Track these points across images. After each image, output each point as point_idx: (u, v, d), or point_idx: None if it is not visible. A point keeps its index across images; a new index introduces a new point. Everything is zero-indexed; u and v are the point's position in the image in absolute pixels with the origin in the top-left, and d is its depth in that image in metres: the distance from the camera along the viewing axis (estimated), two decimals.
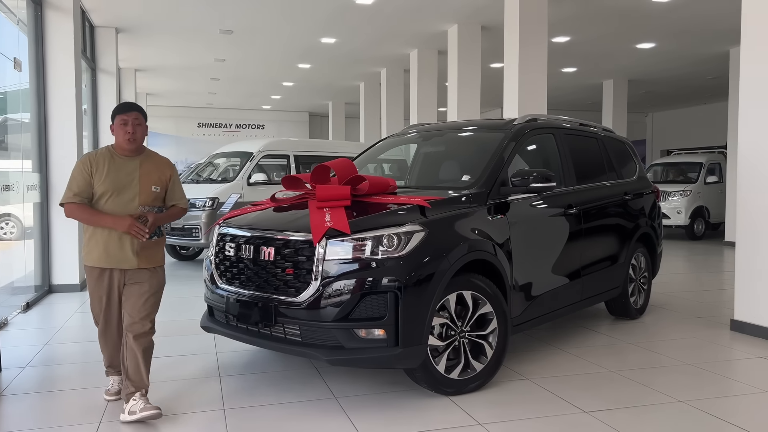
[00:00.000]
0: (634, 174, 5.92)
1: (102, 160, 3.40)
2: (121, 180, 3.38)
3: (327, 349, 3.39)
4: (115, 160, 3.42)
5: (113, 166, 3.40)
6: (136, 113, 3.45)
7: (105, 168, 3.37)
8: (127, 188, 3.38)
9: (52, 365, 4.37)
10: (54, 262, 7.04)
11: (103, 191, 3.35)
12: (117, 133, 3.43)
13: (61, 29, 6.97)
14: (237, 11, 9.57)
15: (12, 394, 3.75)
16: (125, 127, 3.39)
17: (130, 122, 3.41)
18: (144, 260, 3.41)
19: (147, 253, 3.43)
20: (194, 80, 15.75)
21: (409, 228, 3.47)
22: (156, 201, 3.47)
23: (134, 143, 3.43)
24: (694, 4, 9.06)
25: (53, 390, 3.87)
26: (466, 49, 10.33)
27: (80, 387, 3.89)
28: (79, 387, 3.90)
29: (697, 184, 13.26)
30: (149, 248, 3.43)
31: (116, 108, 3.51)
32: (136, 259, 3.38)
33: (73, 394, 3.78)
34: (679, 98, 18.82)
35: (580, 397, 3.66)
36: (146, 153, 3.54)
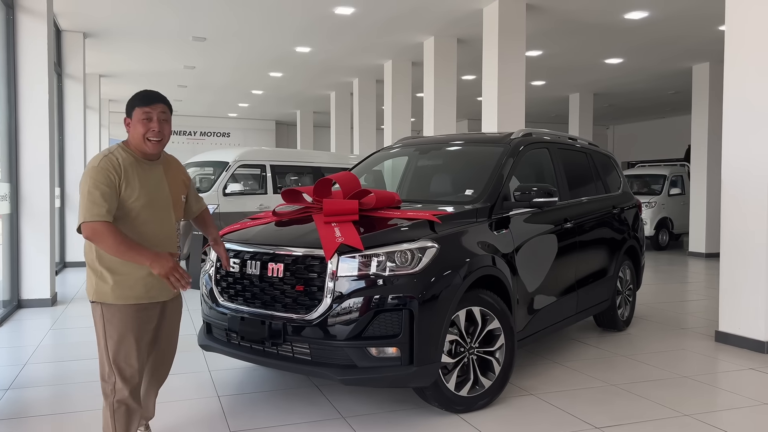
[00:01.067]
0: (618, 188, 6.02)
1: (128, 168, 2.62)
2: (153, 191, 2.69)
3: (339, 369, 3.30)
4: (141, 165, 2.69)
5: (141, 173, 2.66)
6: (162, 105, 2.72)
7: (135, 177, 2.62)
8: (160, 201, 2.72)
9: (35, 387, 4.15)
10: (24, 275, 6.73)
11: (140, 206, 2.63)
12: (136, 130, 2.66)
13: (34, 34, 6.70)
14: (213, 19, 9.39)
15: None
16: (149, 123, 2.66)
17: (156, 117, 2.68)
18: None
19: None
20: (161, 87, 15.38)
21: (421, 244, 3.42)
22: (182, 213, 2.92)
23: (159, 145, 2.71)
24: (663, 22, 9.33)
25: (39, 414, 3.66)
26: (442, 62, 10.38)
27: (68, 411, 3.69)
28: (67, 411, 3.69)
29: (661, 195, 13.64)
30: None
31: (136, 97, 2.72)
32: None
33: (61, 419, 3.58)
34: (639, 111, 19.36)
35: (588, 412, 3.66)
36: (164, 156, 2.87)
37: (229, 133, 21.22)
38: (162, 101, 2.75)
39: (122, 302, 2.64)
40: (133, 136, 2.69)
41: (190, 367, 4.56)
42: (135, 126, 2.68)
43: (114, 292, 2.63)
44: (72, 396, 3.93)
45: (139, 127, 2.66)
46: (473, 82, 13.91)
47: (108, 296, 2.63)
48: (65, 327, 5.88)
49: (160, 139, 2.70)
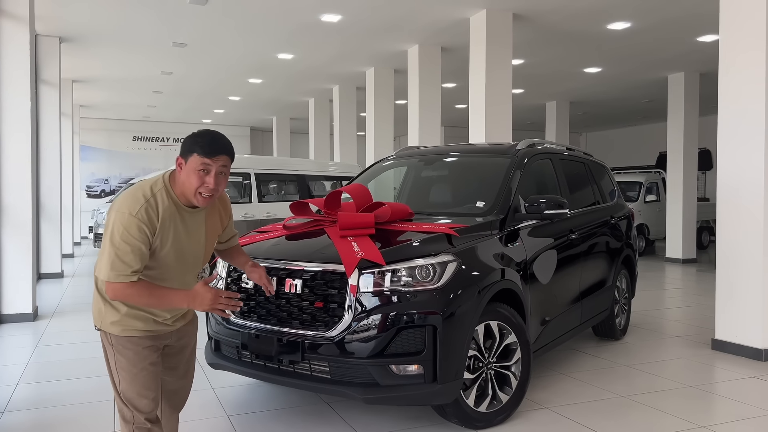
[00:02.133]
0: (614, 197, 6.07)
1: (167, 220, 2.37)
2: (186, 241, 2.46)
3: (361, 387, 3.22)
4: (182, 215, 2.42)
5: (180, 226, 2.42)
6: (225, 158, 2.39)
7: (171, 230, 2.38)
8: (193, 252, 2.50)
9: (33, 409, 3.96)
10: (4, 289, 6.46)
11: (167, 258, 2.40)
12: (189, 180, 2.35)
13: (15, 41, 6.46)
14: (195, 25, 9.22)
15: None
16: (205, 177, 2.34)
17: (214, 171, 2.36)
18: (188, 315, 2.65)
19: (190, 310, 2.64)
20: (135, 92, 15.07)
21: (443, 258, 3.37)
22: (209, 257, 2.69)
23: (211, 200, 2.42)
24: (644, 32, 9.50)
25: None
26: (427, 69, 10.39)
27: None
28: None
29: (638, 202, 13.86)
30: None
31: (197, 143, 2.36)
32: (182, 318, 2.60)
33: None
34: (613, 119, 19.71)
35: (606, 426, 3.65)
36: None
37: None
38: (226, 153, 2.41)
39: (133, 334, 2.42)
40: (184, 184, 2.38)
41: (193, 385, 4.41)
42: (189, 174, 2.35)
43: (123, 323, 2.41)
44: (70, 418, 3.76)
45: (193, 178, 2.35)
46: (453, 90, 13.96)
47: (116, 328, 2.41)
48: (51, 344, 5.66)
49: (212, 194, 2.39)
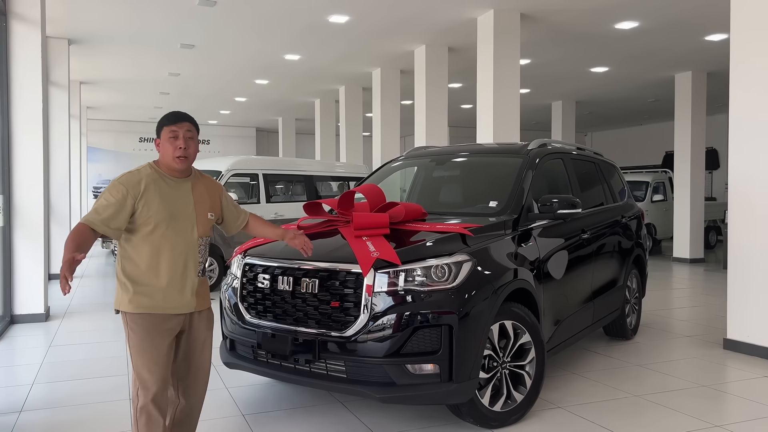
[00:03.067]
0: (624, 197, 6.07)
1: (150, 183, 2.74)
2: (176, 207, 2.78)
3: (377, 386, 3.24)
4: (166, 182, 2.79)
5: (165, 190, 2.77)
6: (188, 124, 2.83)
7: (156, 193, 2.73)
8: (184, 217, 2.79)
9: (49, 408, 3.99)
10: (17, 290, 6.50)
11: (157, 221, 2.71)
12: (164, 149, 2.79)
13: (28, 42, 6.50)
14: (203, 26, 9.25)
15: None
16: (175, 142, 2.77)
17: (182, 135, 2.79)
18: (201, 302, 2.87)
19: (202, 293, 2.88)
20: (142, 94, 15.13)
21: (458, 258, 3.39)
22: (210, 231, 2.94)
23: (185, 162, 2.80)
24: (652, 32, 9.49)
25: None
26: (434, 70, 10.39)
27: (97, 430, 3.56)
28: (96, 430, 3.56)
29: (645, 202, 13.83)
30: (202, 287, 2.88)
31: (164, 118, 2.85)
32: (194, 300, 2.82)
33: None
34: (618, 119, 19.69)
35: (622, 426, 3.65)
36: (195, 174, 2.94)
37: (209, 141, 20.95)
38: (188, 120, 2.87)
39: (141, 311, 2.72)
40: (163, 155, 2.83)
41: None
42: (164, 145, 2.81)
43: (133, 301, 2.71)
44: (85, 418, 3.78)
45: (167, 147, 2.80)
46: (459, 90, 13.97)
47: (128, 305, 2.72)
48: (64, 344, 5.69)
49: (186, 156, 2.81)
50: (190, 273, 2.80)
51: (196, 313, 2.86)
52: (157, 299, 2.72)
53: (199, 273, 2.85)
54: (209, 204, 2.93)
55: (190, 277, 2.80)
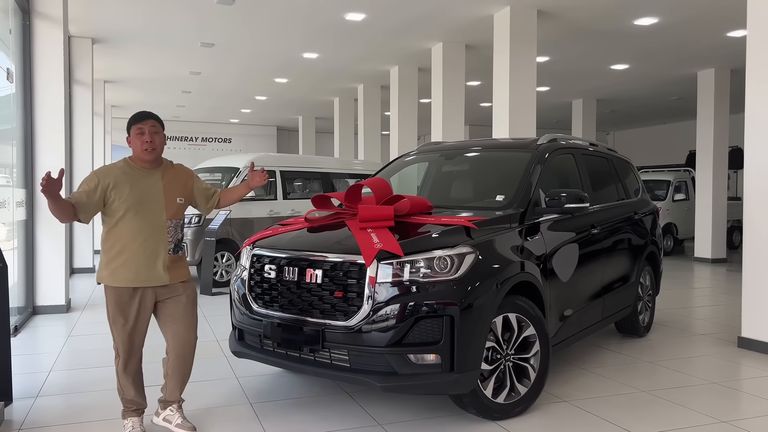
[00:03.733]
0: (638, 193, 6.03)
1: (120, 175, 3.23)
2: (145, 193, 3.24)
3: (379, 375, 3.28)
4: (135, 172, 3.28)
5: (134, 179, 3.25)
6: (152, 121, 3.31)
7: (127, 183, 3.21)
8: (152, 202, 3.25)
9: (65, 395, 4.11)
10: (39, 282, 6.68)
11: (127, 207, 3.19)
12: (134, 144, 3.28)
13: (50, 40, 6.67)
14: (223, 25, 9.38)
15: (33, 428, 3.50)
16: (142, 137, 3.25)
17: (147, 131, 3.26)
18: (175, 275, 3.33)
19: (176, 268, 3.33)
20: (164, 93, 15.37)
21: (461, 250, 3.41)
22: (180, 214, 3.38)
23: (153, 153, 3.27)
24: (673, 27, 9.38)
25: (74, 422, 3.61)
26: (451, 68, 10.40)
27: (107, 418, 3.65)
28: (107, 418, 3.65)
29: (666, 201, 13.67)
30: (177, 263, 3.34)
31: (131, 118, 3.35)
32: (168, 274, 3.29)
33: (99, 427, 3.54)
34: (641, 118, 19.45)
35: (626, 419, 3.65)
36: (166, 164, 3.42)
37: (230, 139, 21.19)
38: (152, 117, 3.34)
39: (117, 284, 3.21)
40: (134, 149, 3.31)
41: (217, 374, 4.53)
42: (133, 140, 3.29)
43: (111, 275, 3.22)
44: (100, 403, 3.88)
45: (137, 141, 3.28)
46: (477, 88, 13.94)
47: (106, 278, 3.24)
48: (83, 334, 5.84)
49: (153, 148, 3.27)
50: (161, 251, 3.25)
51: (172, 285, 3.32)
52: (131, 274, 3.20)
53: (170, 251, 3.30)
54: (178, 190, 3.38)
55: (161, 254, 3.25)
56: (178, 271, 3.35)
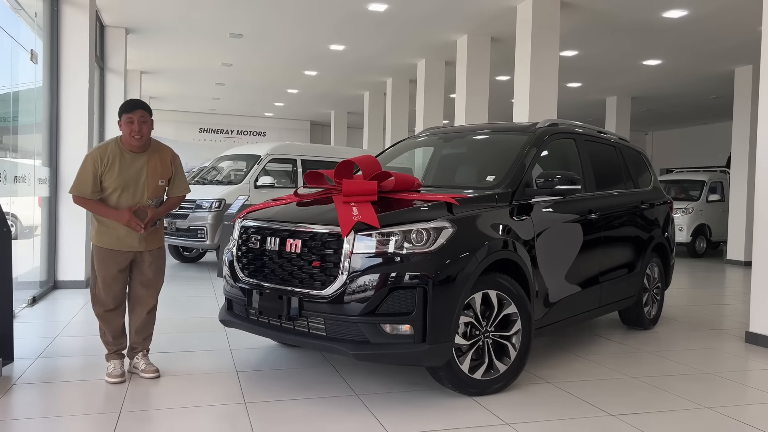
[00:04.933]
0: (649, 184, 5.92)
1: (113, 157, 3.64)
2: (131, 176, 3.67)
3: (353, 344, 3.33)
4: (125, 156, 3.68)
5: (123, 163, 3.66)
6: (141, 111, 3.67)
7: (116, 165, 3.63)
8: (137, 184, 3.69)
9: (64, 357, 4.30)
10: (60, 258, 6.96)
11: (114, 187, 3.64)
12: (124, 131, 3.66)
13: (77, 25, 6.93)
14: (249, 15, 9.58)
15: (26, 383, 3.68)
16: (131, 126, 3.63)
17: (136, 120, 3.63)
18: (150, 243, 3.82)
19: (152, 238, 3.84)
20: (199, 84, 15.74)
21: (438, 224, 3.44)
22: (161, 192, 3.84)
23: (140, 140, 3.66)
24: (703, 21, 9.14)
25: (67, 380, 3.79)
26: (475, 60, 10.35)
27: (96, 377, 3.80)
28: (95, 377, 3.81)
29: (699, 201, 13.31)
30: (153, 234, 3.84)
31: (122, 106, 3.71)
32: (144, 243, 3.77)
33: (89, 385, 3.69)
34: (680, 117, 18.95)
35: (604, 401, 3.61)
36: (153, 147, 3.79)
37: (265, 132, 21.53)
38: (141, 107, 3.69)
39: (102, 245, 3.71)
40: (123, 134, 3.70)
41: (212, 345, 4.66)
42: (124, 128, 3.67)
43: (98, 238, 3.73)
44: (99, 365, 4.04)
45: (126, 129, 3.66)
46: (508, 83, 13.82)
47: (96, 240, 3.74)
48: None
49: (140, 136, 3.65)
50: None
51: (147, 252, 3.80)
52: (113, 239, 3.71)
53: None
54: (161, 172, 3.78)
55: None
56: (153, 241, 3.85)
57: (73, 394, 3.58)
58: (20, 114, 6.52)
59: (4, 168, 5.22)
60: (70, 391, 3.63)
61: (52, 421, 3.18)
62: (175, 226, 8.85)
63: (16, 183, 5.50)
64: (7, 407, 3.29)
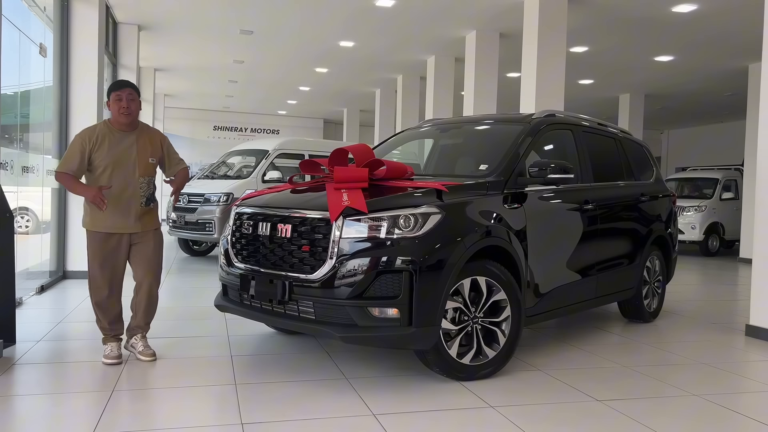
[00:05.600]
0: (651, 177, 5.90)
1: (102, 136, 3.73)
2: (121, 154, 3.74)
3: (341, 327, 3.38)
4: (114, 134, 3.77)
5: (113, 141, 3.74)
6: (129, 89, 3.79)
7: (106, 143, 3.71)
8: (127, 161, 3.75)
9: (65, 340, 4.41)
10: (69, 248, 7.10)
11: (105, 165, 3.70)
12: (113, 109, 3.77)
13: (87, 21, 7.08)
14: (258, 11, 9.67)
15: (26, 363, 3.78)
16: (120, 103, 3.73)
17: (125, 98, 3.74)
18: (146, 224, 3.86)
19: (146, 218, 3.88)
20: (212, 82, 15.90)
21: (425, 210, 3.48)
22: (152, 171, 3.89)
23: (129, 117, 3.76)
24: (715, 16, 9.05)
25: (65, 361, 3.89)
26: (484, 56, 10.35)
27: (94, 359, 3.89)
28: (93, 359, 3.90)
29: (713, 199, 13.16)
30: (148, 214, 3.88)
31: (111, 85, 3.83)
32: (139, 223, 3.82)
33: (86, 366, 3.79)
34: (695, 116, 18.76)
35: (592, 387, 3.62)
36: (141, 127, 3.90)
37: (278, 131, 21.67)
38: (129, 86, 3.81)
39: (94, 229, 3.76)
40: (112, 113, 3.80)
41: (211, 331, 4.74)
42: (112, 106, 3.78)
43: (90, 222, 3.77)
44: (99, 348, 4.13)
45: (114, 107, 3.76)
46: (519, 80, 13.76)
47: (87, 224, 3.80)
48: None
49: (129, 113, 3.76)
50: (134, 204, 3.78)
51: (143, 233, 3.85)
52: (106, 221, 3.74)
53: (143, 203, 3.82)
54: (150, 150, 3.86)
55: (134, 207, 3.78)
56: (149, 221, 3.89)
57: (69, 373, 3.68)
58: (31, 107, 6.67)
59: (12, 158, 5.35)
60: (66, 371, 3.72)
61: (47, 398, 3.26)
62: (184, 220, 8.98)
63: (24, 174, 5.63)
64: (4, 385, 3.38)
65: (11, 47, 5.51)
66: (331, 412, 3.11)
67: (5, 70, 4.95)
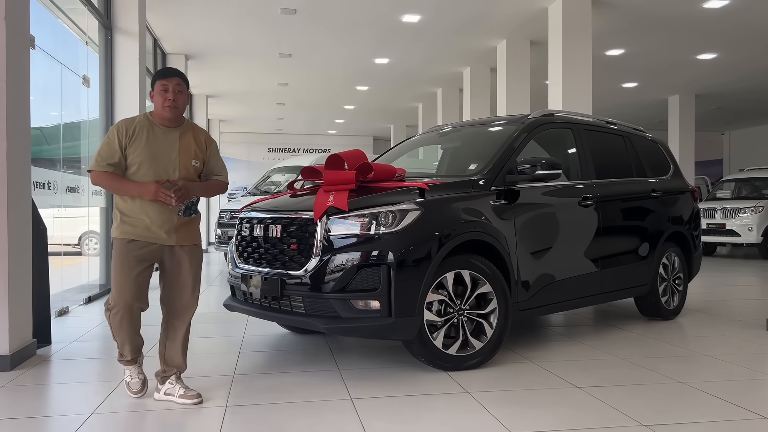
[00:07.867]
0: (667, 173, 5.84)
1: (140, 129, 3.16)
2: (160, 151, 3.17)
3: (326, 319, 3.61)
4: (154, 129, 3.20)
5: (152, 135, 3.17)
6: (177, 79, 3.22)
7: (143, 137, 3.15)
8: (166, 160, 3.17)
9: (99, 341, 4.81)
10: None
11: (140, 162, 3.13)
12: (156, 101, 3.20)
13: (129, 51, 7.68)
14: (291, 34, 10.15)
15: (57, 359, 4.19)
16: (165, 94, 3.17)
17: (171, 88, 3.18)
18: (182, 238, 3.24)
19: (184, 231, 3.24)
20: (262, 105, 16.61)
21: (404, 206, 3.67)
22: (194, 175, 3.28)
23: (175, 111, 3.20)
24: (749, 10, 8.83)
25: (92, 358, 4.27)
26: (515, 65, 10.45)
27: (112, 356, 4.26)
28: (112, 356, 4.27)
29: None
30: (187, 225, 3.26)
31: (156, 73, 3.26)
32: (175, 236, 3.20)
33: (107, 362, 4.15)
34: (755, 114, 18.00)
35: (576, 376, 3.68)
36: (186, 124, 3.32)
37: (329, 149, 22.23)
38: (178, 75, 3.26)
39: (123, 237, 3.16)
40: (155, 105, 3.24)
41: (228, 332, 5.05)
42: (157, 97, 3.21)
43: (119, 228, 3.18)
44: None
45: (159, 98, 3.20)
46: None
47: (116, 232, 3.20)
48: None
49: (175, 107, 3.20)
50: (169, 212, 3.16)
51: (178, 247, 3.23)
52: (139, 229, 3.14)
53: (180, 212, 3.20)
54: (194, 152, 3.26)
55: (169, 215, 3.17)
56: (187, 235, 3.27)
57: (91, 367, 4.05)
58: (81, 137, 7.27)
59: (55, 178, 5.89)
60: (91, 366, 4.10)
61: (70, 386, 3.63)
62: (227, 235, 9.44)
63: (68, 193, 6.17)
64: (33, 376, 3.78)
65: (54, 79, 6.09)
66: (311, 396, 3.32)
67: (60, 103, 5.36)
